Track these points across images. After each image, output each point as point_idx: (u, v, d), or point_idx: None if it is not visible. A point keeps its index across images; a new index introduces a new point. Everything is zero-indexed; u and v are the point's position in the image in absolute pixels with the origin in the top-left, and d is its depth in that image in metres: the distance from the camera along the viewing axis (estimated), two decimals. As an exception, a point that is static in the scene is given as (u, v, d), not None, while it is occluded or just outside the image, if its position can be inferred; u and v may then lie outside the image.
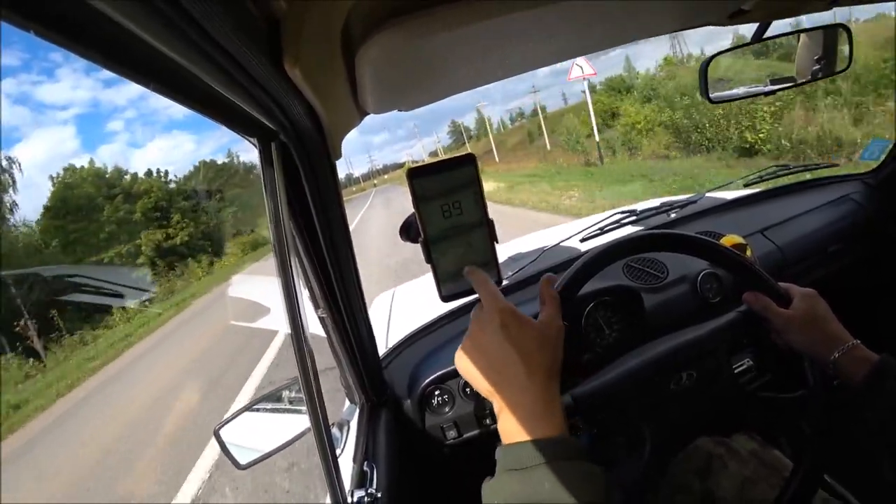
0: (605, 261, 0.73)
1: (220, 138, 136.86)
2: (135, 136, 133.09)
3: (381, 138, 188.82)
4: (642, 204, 1.65)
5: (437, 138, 69.23)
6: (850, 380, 0.65)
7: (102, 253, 24.39)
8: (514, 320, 0.49)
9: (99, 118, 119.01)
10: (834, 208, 1.43)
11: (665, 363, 0.70)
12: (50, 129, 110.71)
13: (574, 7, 0.50)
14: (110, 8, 0.22)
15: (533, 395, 0.47)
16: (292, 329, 0.54)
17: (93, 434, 5.51)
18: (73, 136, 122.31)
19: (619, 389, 0.68)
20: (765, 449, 0.89)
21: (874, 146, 1.53)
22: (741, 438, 0.92)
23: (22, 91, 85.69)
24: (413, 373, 1.09)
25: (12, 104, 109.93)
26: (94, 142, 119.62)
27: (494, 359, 0.49)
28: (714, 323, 0.76)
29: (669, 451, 0.71)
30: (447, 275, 0.51)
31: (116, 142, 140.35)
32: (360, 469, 0.84)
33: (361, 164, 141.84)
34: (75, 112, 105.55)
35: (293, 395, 0.95)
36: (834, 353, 0.66)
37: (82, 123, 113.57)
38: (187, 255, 25.82)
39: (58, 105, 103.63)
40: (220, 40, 0.30)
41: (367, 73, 0.51)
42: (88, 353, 12.48)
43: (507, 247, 1.80)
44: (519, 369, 0.48)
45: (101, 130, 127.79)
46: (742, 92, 1.14)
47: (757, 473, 0.83)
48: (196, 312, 13.36)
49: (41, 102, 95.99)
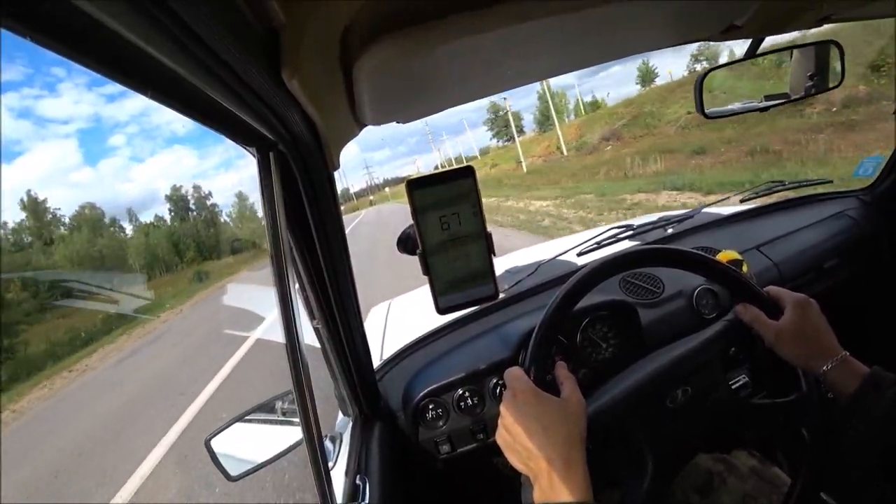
0: (601, 276, 0.73)
1: (222, 153, 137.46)
2: (136, 150, 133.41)
3: (383, 154, 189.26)
4: (639, 219, 1.66)
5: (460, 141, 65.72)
6: (841, 393, 0.65)
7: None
8: (535, 398, 0.58)
9: (100, 133, 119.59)
10: (829, 224, 1.43)
11: (659, 381, 0.70)
12: (52, 143, 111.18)
13: (570, 22, 0.50)
14: (109, 17, 0.23)
15: (557, 463, 0.53)
16: (287, 339, 0.54)
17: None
18: (75, 150, 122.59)
19: (616, 412, 0.68)
20: (764, 465, 0.88)
21: (867, 163, 1.55)
22: (741, 455, 0.91)
23: (25, 105, 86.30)
24: (407, 385, 1.09)
25: (15, 118, 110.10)
26: (95, 156, 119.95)
27: (520, 435, 0.56)
28: (703, 335, 0.76)
29: (671, 469, 0.70)
30: (445, 287, 0.51)
31: (118, 156, 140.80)
32: (353, 482, 0.83)
33: (360, 178, 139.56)
34: (77, 126, 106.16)
35: (286, 406, 0.94)
36: (824, 365, 0.66)
37: (84, 137, 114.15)
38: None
39: (59, 119, 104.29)
40: (218, 50, 0.30)
41: (364, 84, 0.51)
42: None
43: (504, 260, 1.80)
44: (543, 441, 0.54)
45: (103, 145, 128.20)
46: (737, 107, 1.15)
47: (757, 489, 0.83)
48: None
49: (42, 117, 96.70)
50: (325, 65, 0.46)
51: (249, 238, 55.09)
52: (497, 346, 1.08)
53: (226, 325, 8.74)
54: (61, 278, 24.46)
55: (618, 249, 0.78)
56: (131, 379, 8.00)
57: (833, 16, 0.77)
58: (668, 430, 0.69)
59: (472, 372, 1.04)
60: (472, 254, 0.50)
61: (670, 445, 0.69)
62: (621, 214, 8.72)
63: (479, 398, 1.04)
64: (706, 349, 0.73)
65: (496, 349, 1.07)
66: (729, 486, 0.85)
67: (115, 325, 16.48)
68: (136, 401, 6.11)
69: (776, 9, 0.68)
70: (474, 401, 1.04)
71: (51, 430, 6.35)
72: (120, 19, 0.23)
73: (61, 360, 14.53)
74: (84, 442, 5.12)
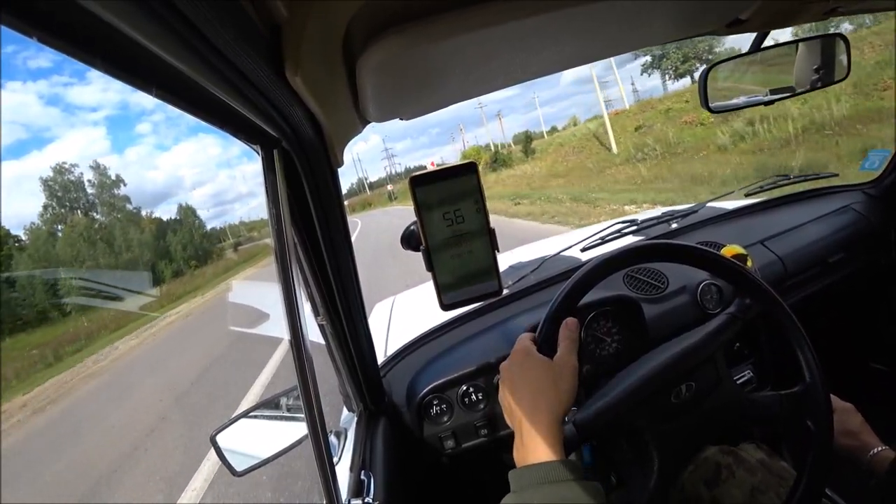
0: (605, 271, 0.73)
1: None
2: (161, 138, 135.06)
3: (404, 145, 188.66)
4: (643, 214, 1.66)
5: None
6: (879, 475, 0.77)
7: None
8: (528, 361, 0.61)
9: (128, 120, 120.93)
10: (834, 218, 1.43)
11: (662, 377, 0.70)
12: (82, 130, 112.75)
13: (574, 15, 0.50)
14: (113, 15, 0.23)
15: (537, 424, 0.55)
16: (292, 336, 0.54)
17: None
18: (103, 137, 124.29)
19: (620, 410, 0.68)
20: (772, 458, 0.88)
21: (873, 157, 1.53)
22: (749, 447, 0.91)
23: (54, 92, 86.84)
24: (412, 381, 1.09)
25: (45, 105, 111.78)
26: (122, 143, 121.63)
27: (510, 396, 0.60)
28: (705, 328, 0.76)
29: (678, 465, 0.70)
30: (448, 283, 0.51)
31: (144, 143, 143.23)
32: (358, 478, 0.83)
33: (380, 167, 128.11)
34: (105, 114, 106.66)
35: (291, 402, 0.95)
36: (866, 455, 0.80)
37: (112, 125, 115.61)
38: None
39: (88, 106, 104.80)
40: (220, 46, 0.30)
41: (368, 80, 0.51)
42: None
43: (508, 256, 1.80)
44: (529, 403, 0.57)
45: (130, 132, 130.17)
46: (742, 101, 1.14)
47: (765, 483, 0.83)
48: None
49: (72, 104, 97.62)
50: (329, 61, 0.45)
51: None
52: (501, 341, 1.09)
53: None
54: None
55: (622, 244, 0.78)
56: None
57: (840, 8, 0.76)
58: (674, 426, 0.69)
59: (477, 368, 1.04)
60: (475, 250, 0.50)
61: (676, 442, 0.69)
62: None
63: (484, 394, 1.04)
64: (709, 343, 0.73)
65: (500, 345, 1.07)
66: (737, 478, 0.85)
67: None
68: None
69: (782, 2, 0.68)
70: (479, 396, 1.04)
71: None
72: (124, 17, 0.23)
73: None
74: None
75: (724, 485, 0.85)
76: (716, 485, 0.85)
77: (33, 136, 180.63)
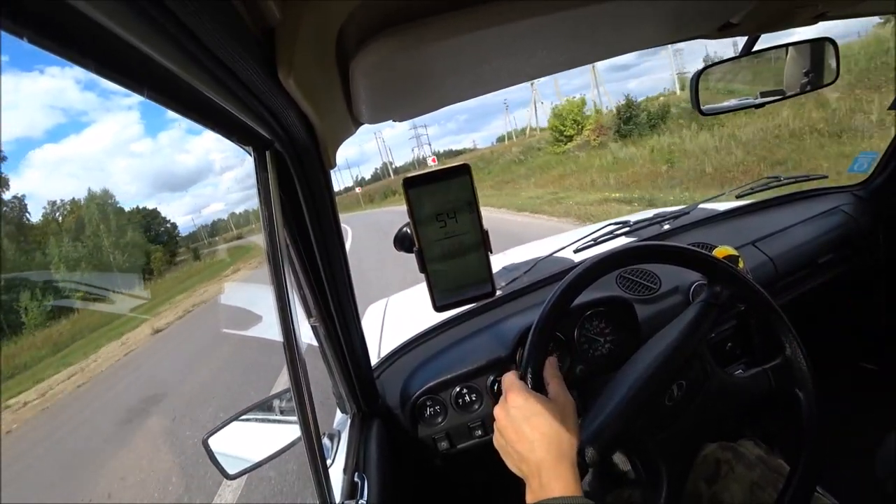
0: (597, 273, 0.73)
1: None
2: (191, 123, 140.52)
3: (432, 131, 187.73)
4: (636, 215, 1.67)
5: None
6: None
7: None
8: (525, 401, 0.60)
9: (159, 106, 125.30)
10: (824, 220, 1.44)
11: (653, 383, 0.70)
12: (117, 114, 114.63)
13: (566, 19, 0.50)
14: (103, 16, 0.22)
15: (547, 463, 0.55)
16: (284, 338, 0.54)
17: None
18: (136, 121, 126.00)
19: (617, 426, 0.67)
20: (770, 455, 0.89)
21: (862, 158, 1.55)
22: (747, 444, 0.92)
23: (90, 78, 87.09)
24: (405, 383, 1.09)
25: (81, 90, 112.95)
26: (155, 128, 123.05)
27: (512, 439, 0.59)
28: (681, 321, 0.77)
29: (685, 468, 0.70)
30: (442, 284, 0.51)
31: (176, 128, 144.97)
32: (351, 480, 0.83)
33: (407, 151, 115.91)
34: (139, 99, 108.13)
35: (284, 404, 0.94)
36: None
37: (145, 110, 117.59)
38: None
39: (122, 91, 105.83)
40: (214, 49, 0.30)
41: (361, 82, 0.51)
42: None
43: (501, 257, 1.80)
44: (533, 444, 0.56)
45: (163, 117, 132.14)
46: (733, 104, 1.15)
47: (764, 478, 0.84)
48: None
49: (107, 89, 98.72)
50: (322, 63, 0.45)
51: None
52: (494, 343, 1.09)
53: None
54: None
55: (614, 246, 0.78)
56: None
57: (829, 13, 0.77)
58: (673, 429, 0.69)
59: (470, 369, 1.04)
60: (468, 251, 0.50)
61: (677, 444, 0.69)
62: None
63: (477, 395, 1.04)
64: (690, 338, 0.74)
65: (493, 346, 1.07)
66: (737, 473, 0.86)
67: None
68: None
69: (772, 6, 0.68)
70: (472, 398, 1.04)
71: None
72: (115, 18, 0.23)
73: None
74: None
75: (723, 480, 0.86)
76: (715, 481, 0.86)
77: (71, 119, 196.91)
